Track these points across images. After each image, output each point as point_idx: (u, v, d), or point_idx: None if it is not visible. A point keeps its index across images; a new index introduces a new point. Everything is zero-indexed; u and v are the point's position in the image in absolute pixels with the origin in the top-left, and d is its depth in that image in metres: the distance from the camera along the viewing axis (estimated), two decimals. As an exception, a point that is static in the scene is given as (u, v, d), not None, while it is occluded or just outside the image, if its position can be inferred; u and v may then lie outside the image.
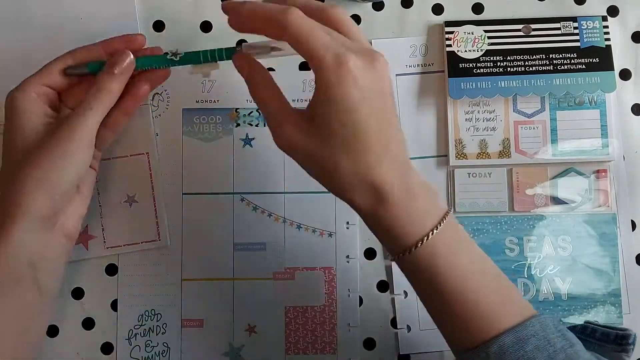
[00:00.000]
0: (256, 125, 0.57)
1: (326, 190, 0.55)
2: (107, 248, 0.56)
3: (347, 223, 0.57)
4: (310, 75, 0.57)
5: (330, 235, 0.56)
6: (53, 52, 0.57)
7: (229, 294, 0.56)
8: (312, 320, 0.56)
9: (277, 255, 0.56)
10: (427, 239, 0.43)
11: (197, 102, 0.57)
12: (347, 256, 0.56)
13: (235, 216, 0.57)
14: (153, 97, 0.57)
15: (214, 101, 0.57)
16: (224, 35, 0.58)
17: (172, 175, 0.57)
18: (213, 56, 0.50)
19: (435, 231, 0.43)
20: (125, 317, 0.56)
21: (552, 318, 0.44)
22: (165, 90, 0.57)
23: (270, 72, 0.58)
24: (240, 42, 0.49)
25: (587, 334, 0.47)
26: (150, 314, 0.56)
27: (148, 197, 0.56)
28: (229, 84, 0.57)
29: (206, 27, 0.58)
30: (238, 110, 0.57)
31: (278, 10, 0.42)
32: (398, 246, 0.44)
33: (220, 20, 0.58)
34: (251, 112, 0.57)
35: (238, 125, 0.57)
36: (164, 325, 0.56)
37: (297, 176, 0.57)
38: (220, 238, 0.56)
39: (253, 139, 0.57)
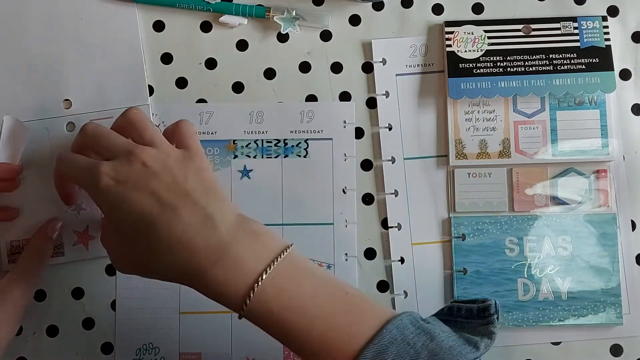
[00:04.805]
0: (254, 157, 0.57)
1: (325, 222, 0.56)
2: None
3: (346, 255, 0.56)
4: (309, 106, 0.57)
5: (329, 267, 0.56)
6: (53, 51, 0.57)
7: (227, 327, 0.55)
8: None
9: None
10: (253, 292, 0.42)
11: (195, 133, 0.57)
12: None
13: None
14: None
15: (212, 133, 0.57)
16: (225, 35, 0.58)
17: None
18: (244, 11, 0.57)
19: (258, 284, 0.43)
20: (122, 351, 0.55)
21: (409, 315, 0.43)
22: (163, 122, 0.57)
23: (279, 104, 0.58)
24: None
25: (454, 314, 0.47)
26: (148, 348, 0.55)
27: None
28: (227, 116, 0.57)
29: (206, 27, 0.58)
30: (236, 142, 0.57)
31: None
32: (235, 305, 0.43)
33: (219, 21, 0.58)
34: (249, 143, 0.57)
35: (236, 156, 0.57)
36: (162, 359, 0.55)
37: (296, 208, 0.56)
38: None
39: (251, 170, 0.57)
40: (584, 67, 0.56)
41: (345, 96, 0.58)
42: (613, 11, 0.58)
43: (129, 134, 0.48)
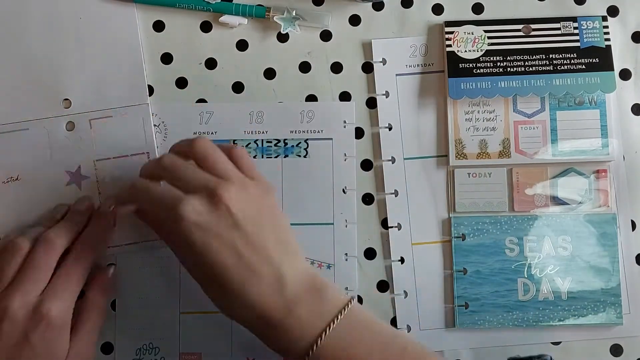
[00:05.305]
0: (254, 157, 0.57)
1: (325, 222, 0.56)
2: (109, 247, 0.56)
3: (346, 255, 0.56)
4: (309, 106, 0.57)
5: (329, 267, 0.56)
6: (53, 51, 0.57)
7: (227, 327, 0.55)
8: None
9: None
10: (312, 351, 0.44)
11: (194, 133, 0.56)
12: (346, 288, 0.56)
13: None
14: None
15: (212, 133, 0.57)
16: (225, 35, 0.58)
17: None
18: (244, 11, 0.57)
19: (317, 344, 0.44)
20: (123, 351, 0.55)
21: None
22: (163, 122, 0.57)
23: (279, 103, 0.58)
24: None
25: None
26: (148, 348, 0.55)
27: (148, 197, 0.56)
28: (227, 116, 0.57)
29: (206, 27, 0.58)
30: (236, 142, 0.57)
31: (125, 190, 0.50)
32: (294, 358, 0.45)
33: (217, 22, 0.58)
34: (249, 143, 0.57)
35: None
36: (162, 359, 0.55)
37: (296, 208, 0.56)
38: None
39: None
40: (584, 67, 0.56)
41: (345, 96, 0.58)
42: (613, 11, 0.58)
43: (199, 164, 0.49)
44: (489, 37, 0.57)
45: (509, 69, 0.56)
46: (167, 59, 0.58)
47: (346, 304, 0.46)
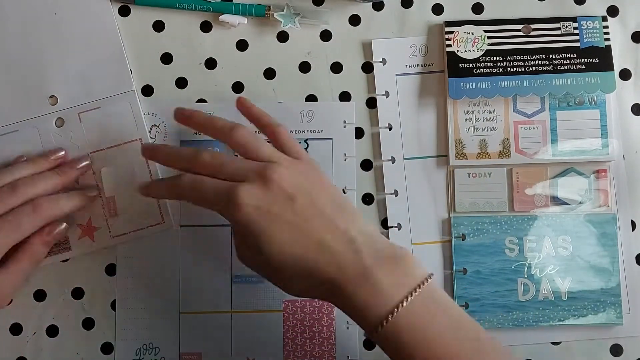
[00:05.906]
0: None
1: None
2: (113, 237, 0.56)
3: None
4: (309, 106, 0.57)
5: None
6: (32, 50, 0.57)
7: (227, 327, 0.55)
8: (310, 353, 0.55)
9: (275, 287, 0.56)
10: (391, 316, 0.43)
11: (195, 133, 0.56)
12: None
13: (233, 248, 0.55)
14: (151, 129, 0.57)
15: None
16: (225, 35, 0.58)
17: (170, 207, 0.56)
18: (244, 11, 0.57)
19: (394, 314, 0.43)
20: (123, 351, 0.55)
21: None
22: (163, 122, 0.57)
23: (278, 103, 0.58)
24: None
25: None
26: (148, 348, 0.55)
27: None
28: (227, 116, 0.56)
29: (206, 27, 0.58)
30: None
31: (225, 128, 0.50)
32: (369, 327, 0.44)
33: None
34: None
35: (236, 156, 0.57)
36: (162, 359, 0.55)
37: None
38: (218, 270, 0.56)
39: None
40: (584, 67, 0.56)
41: (345, 96, 0.58)
42: (613, 11, 0.58)
43: (242, 154, 0.49)
44: (489, 37, 0.57)
45: (509, 69, 0.56)
46: (167, 59, 0.58)
47: (425, 277, 0.44)
